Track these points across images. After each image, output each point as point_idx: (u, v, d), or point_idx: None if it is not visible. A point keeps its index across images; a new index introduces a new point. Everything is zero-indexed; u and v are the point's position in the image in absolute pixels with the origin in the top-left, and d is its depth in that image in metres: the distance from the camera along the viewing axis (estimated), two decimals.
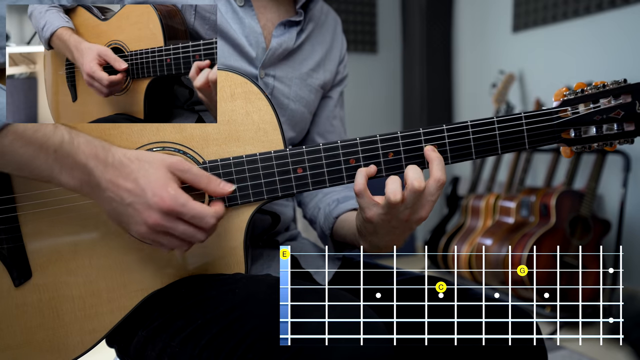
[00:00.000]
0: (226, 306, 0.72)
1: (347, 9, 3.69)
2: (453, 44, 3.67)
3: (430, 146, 0.79)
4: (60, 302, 0.77)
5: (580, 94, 0.79)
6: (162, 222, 0.69)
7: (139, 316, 0.80)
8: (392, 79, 3.91)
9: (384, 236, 0.82)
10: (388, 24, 3.86)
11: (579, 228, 2.40)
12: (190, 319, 0.74)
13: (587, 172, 2.55)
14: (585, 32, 2.72)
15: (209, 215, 0.71)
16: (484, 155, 0.80)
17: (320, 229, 1.01)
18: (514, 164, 2.83)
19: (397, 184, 0.75)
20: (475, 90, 3.50)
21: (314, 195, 1.05)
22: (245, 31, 0.89)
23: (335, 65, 1.05)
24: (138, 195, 0.69)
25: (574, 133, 0.79)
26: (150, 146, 0.78)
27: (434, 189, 0.76)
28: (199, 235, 0.72)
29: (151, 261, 0.79)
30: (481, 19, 3.43)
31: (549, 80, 2.90)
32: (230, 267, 0.81)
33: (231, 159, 0.79)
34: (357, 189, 0.78)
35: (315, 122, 1.06)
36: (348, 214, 0.96)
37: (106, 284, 0.78)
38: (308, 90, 0.98)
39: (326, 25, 1.03)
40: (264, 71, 0.92)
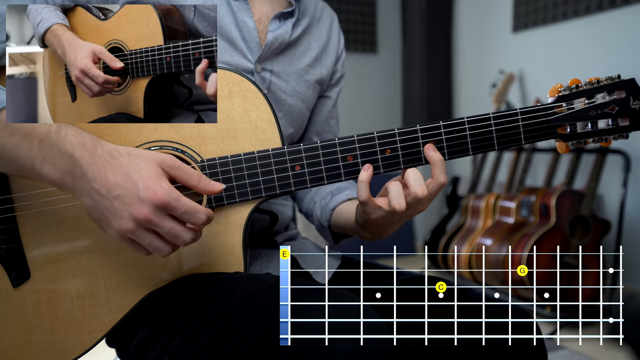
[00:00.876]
0: (227, 305, 0.71)
1: (347, 9, 3.69)
2: (453, 44, 3.67)
3: (430, 145, 0.79)
4: (58, 302, 0.77)
5: (575, 90, 0.80)
6: (151, 217, 0.67)
7: (139, 316, 0.79)
8: (392, 79, 3.91)
9: (385, 228, 0.85)
10: (388, 24, 3.86)
11: (579, 228, 2.40)
12: (191, 318, 0.73)
13: (587, 172, 2.55)
14: (585, 32, 2.72)
15: (202, 212, 0.69)
16: (481, 151, 0.81)
17: (317, 221, 1.02)
18: (514, 163, 2.83)
19: (400, 193, 0.77)
20: (475, 90, 3.50)
21: (308, 189, 1.06)
22: (240, 25, 0.89)
23: (332, 61, 1.05)
24: (128, 189, 0.67)
25: (570, 128, 0.80)
26: (148, 145, 0.78)
27: (435, 190, 0.79)
28: (186, 235, 0.69)
29: (151, 260, 0.79)
30: (481, 19, 3.43)
31: (549, 80, 2.90)
32: (230, 266, 0.81)
33: (229, 157, 0.79)
34: (362, 200, 0.79)
35: (314, 121, 1.06)
36: (343, 205, 0.98)
37: (105, 284, 0.77)
38: (306, 86, 0.98)
39: (322, 21, 1.03)
40: (260, 65, 0.91)
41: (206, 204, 0.79)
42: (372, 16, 3.79)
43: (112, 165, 0.68)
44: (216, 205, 0.79)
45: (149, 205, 0.66)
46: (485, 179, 3.06)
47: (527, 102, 3.05)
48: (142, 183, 0.67)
